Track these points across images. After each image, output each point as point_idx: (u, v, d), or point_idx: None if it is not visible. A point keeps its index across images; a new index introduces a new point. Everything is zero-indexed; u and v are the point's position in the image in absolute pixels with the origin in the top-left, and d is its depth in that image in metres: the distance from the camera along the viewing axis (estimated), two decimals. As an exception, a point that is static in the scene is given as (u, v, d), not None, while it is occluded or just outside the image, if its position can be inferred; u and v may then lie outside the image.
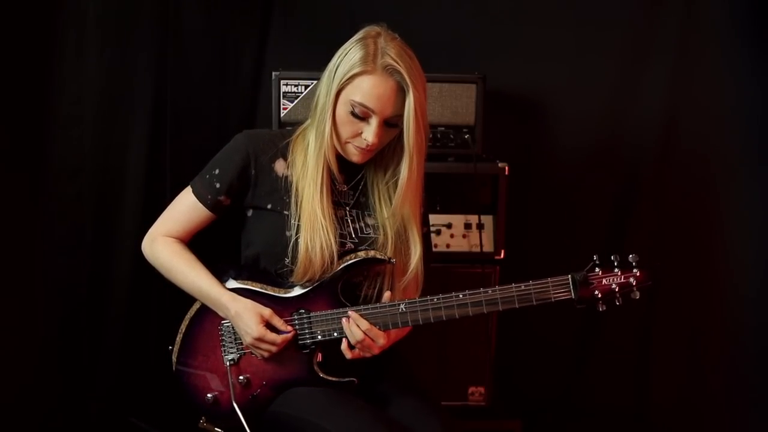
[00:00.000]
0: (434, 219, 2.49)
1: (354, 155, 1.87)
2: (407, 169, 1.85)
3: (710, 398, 2.89)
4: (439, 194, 2.51)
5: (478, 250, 2.50)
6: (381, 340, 1.83)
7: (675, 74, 2.83)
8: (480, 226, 2.51)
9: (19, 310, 2.45)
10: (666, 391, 2.93)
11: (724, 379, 2.87)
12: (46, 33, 2.45)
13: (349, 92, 1.81)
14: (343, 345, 1.84)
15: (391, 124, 1.83)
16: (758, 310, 2.82)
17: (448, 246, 2.52)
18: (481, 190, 2.52)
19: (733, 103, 2.80)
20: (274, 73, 2.47)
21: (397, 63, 1.78)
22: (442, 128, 2.52)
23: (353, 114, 1.81)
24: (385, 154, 1.92)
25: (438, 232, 2.50)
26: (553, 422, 2.95)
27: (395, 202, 1.90)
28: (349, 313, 1.83)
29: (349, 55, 1.81)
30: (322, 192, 1.86)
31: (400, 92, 1.80)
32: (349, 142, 1.85)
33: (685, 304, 2.90)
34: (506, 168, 2.51)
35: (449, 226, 2.53)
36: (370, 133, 1.81)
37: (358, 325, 1.82)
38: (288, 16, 2.78)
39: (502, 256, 2.52)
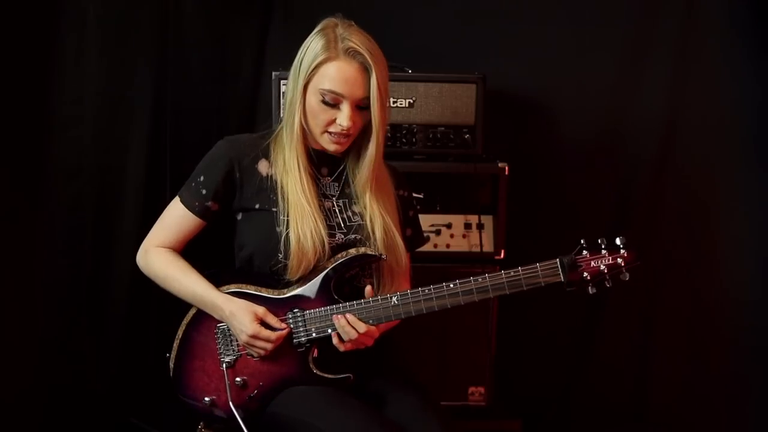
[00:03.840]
0: (434, 219, 2.49)
1: (331, 144, 1.90)
2: (374, 145, 1.90)
3: (710, 398, 2.89)
4: (439, 194, 2.51)
5: (478, 250, 2.50)
6: (375, 336, 1.86)
7: (675, 74, 2.83)
8: (480, 226, 2.51)
9: (19, 310, 2.45)
10: (666, 391, 2.93)
11: (723, 379, 2.87)
12: (47, 33, 2.45)
13: (317, 82, 1.85)
14: (335, 339, 1.85)
15: (362, 107, 1.87)
16: (758, 309, 2.83)
17: (448, 246, 2.52)
18: (481, 190, 2.52)
19: (732, 102, 2.81)
20: (274, 73, 2.47)
21: (358, 45, 1.83)
22: (442, 128, 2.51)
23: (324, 102, 1.85)
24: (362, 140, 1.94)
25: (438, 232, 2.50)
26: (553, 422, 2.95)
27: (360, 179, 1.93)
28: (347, 317, 1.84)
29: (310, 48, 1.86)
30: (303, 184, 1.88)
31: (365, 73, 1.84)
32: (325, 131, 1.88)
33: (685, 304, 2.90)
34: (506, 168, 2.50)
35: (449, 226, 2.52)
36: (343, 117, 1.85)
37: (354, 328, 1.83)
38: (288, 17, 2.78)
39: (502, 256, 2.52)
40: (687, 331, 2.90)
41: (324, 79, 1.84)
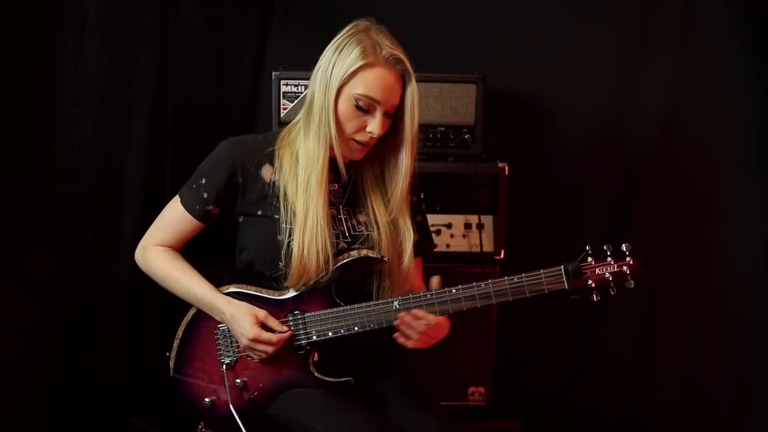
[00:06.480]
0: (434, 219, 2.49)
1: (356, 151, 1.87)
2: (409, 157, 1.89)
3: (710, 398, 2.89)
4: (439, 194, 2.51)
5: (478, 250, 2.50)
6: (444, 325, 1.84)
7: (675, 74, 2.83)
8: (480, 226, 2.51)
9: (19, 309, 2.46)
10: (666, 391, 2.93)
11: (723, 379, 2.87)
12: (47, 33, 2.45)
13: (353, 87, 1.81)
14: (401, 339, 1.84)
15: (390, 115, 1.86)
16: (758, 309, 2.82)
17: (448, 246, 2.52)
18: (481, 190, 2.52)
19: (732, 102, 2.80)
20: (274, 73, 2.48)
21: (398, 53, 1.82)
22: (442, 128, 2.51)
23: (358, 108, 1.81)
24: (376, 147, 1.91)
25: (438, 232, 2.50)
26: (553, 422, 2.95)
27: (398, 191, 1.91)
28: (413, 312, 1.80)
29: (345, 51, 1.81)
30: (322, 194, 1.84)
31: (401, 81, 1.84)
32: (351, 139, 1.85)
33: (685, 304, 2.90)
34: (506, 168, 2.50)
35: (449, 226, 2.52)
36: (375, 125, 1.83)
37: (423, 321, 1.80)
38: (288, 16, 2.78)
39: (502, 256, 2.52)
40: (687, 332, 2.90)
41: (360, 84, 1.80)
